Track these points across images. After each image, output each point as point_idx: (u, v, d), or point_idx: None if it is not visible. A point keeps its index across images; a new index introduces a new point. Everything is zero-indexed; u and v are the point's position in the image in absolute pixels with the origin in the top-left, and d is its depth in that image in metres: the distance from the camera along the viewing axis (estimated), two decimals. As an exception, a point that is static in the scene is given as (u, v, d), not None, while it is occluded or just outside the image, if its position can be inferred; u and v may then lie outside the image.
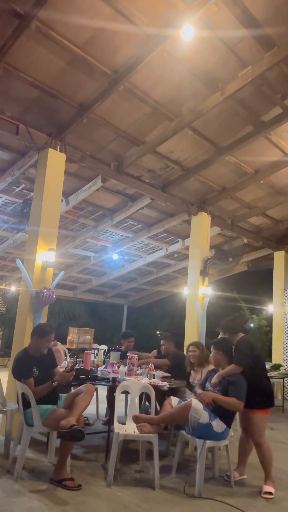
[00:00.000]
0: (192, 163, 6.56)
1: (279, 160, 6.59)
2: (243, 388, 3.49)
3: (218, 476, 3.77)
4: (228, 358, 3.70)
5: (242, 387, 3.50)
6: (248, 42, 4.39)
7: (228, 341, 3.83)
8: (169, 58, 4.40)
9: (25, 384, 3.40)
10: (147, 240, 9.51)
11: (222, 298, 11.79)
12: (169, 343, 5.30)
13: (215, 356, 3.77)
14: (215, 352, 3.77)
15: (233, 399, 3.43)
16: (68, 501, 3.01)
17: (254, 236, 9.31)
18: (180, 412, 3.50)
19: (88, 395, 3.52)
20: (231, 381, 3.53)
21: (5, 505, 2.88)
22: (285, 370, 8.41)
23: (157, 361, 5.08)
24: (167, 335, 5.49)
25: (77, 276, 11.92)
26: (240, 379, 3.55)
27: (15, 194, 6.88)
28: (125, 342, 5.86)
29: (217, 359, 3.76)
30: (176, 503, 3.17)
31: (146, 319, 16.40)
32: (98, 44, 4.27)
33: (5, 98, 4.76)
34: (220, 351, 3.74)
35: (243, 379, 3.55)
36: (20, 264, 4.87)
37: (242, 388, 3.49)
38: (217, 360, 3.76)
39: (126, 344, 5.84)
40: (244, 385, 3.52)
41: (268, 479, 3.58)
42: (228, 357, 3.71)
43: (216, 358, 3.76)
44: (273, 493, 3.46)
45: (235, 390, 3.47)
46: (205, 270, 7.26)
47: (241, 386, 3.50)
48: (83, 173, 6.49)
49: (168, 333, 5.65)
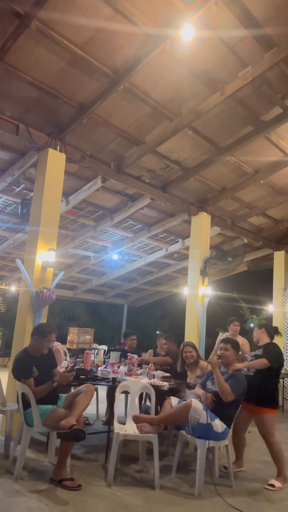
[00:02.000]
0: (192, 163, 6.56)
1: (279, 160, 6.59)
2: (240, 385, 3.56)
3: (218, 476, 3.77)
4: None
5: (241, 384, 3.57)
6: (248, 42, 4.39)
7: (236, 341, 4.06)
8: (169, 58, 4.39)
9: (25, 384, 3.40)
10: (147, 240, 9.51)
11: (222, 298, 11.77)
12: (171, 343, 5.36)
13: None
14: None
15: (228, 388, 3.50)
16: (68, 501, 3.01)
17: (254, 236, 9.32)
18: (180, 412, 3.50)
19: (88, 395, 3.52)
20: (233, 375, 3.63)
21: (5, 505, 2.88)
22: (285, 370, 8.39)
23: (158, 359, 5.10)
24: (169, 335, 5.54)
25: (77, 276, 11.92)
26: (242, 377, 3.64)
27: (15, 194, 6.88)
28: (128, 340, 5.87)
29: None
30: (176, 503, 3.17)
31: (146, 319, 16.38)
32: (98, 44, 4.27)
33: (5, 98, 4.76)
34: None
35: (244, 379, 3.63)
36: (20, 264, 4.87)
37: (240, 384, 3.56)
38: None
39: (129, 342, 5.84)
40: (243, 383, 3.59)
41: (279, 475, 3.66)
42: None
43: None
44: (276, 486, 3.51)
45: (233, 383, 3.55)
46: (205, 270, 7.26)
47: (240, 382, 3.58)
48: (83, 173, 6.49)
49: (169, 333, 5.68)
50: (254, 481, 3.74)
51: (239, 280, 12.97)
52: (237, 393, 3.50)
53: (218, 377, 3.54)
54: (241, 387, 3.56)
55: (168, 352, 5.32)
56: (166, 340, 5.42)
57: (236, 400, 3.54)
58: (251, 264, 11.44)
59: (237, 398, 3.51)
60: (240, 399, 3.58)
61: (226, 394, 3.48)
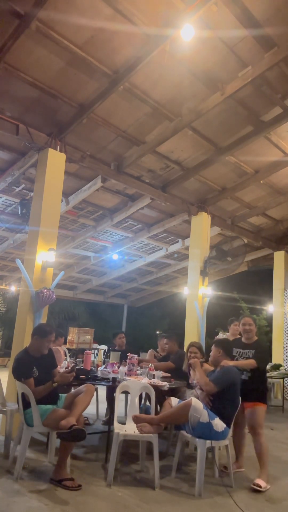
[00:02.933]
0: (192, 163, 6.56)
1: (279, 160, 6.60)
2: (224, 380, 3.61)
3: (218, 476, 3.77)
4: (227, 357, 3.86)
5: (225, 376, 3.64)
6: (248, 42, 4.39)
7: (230, 342, 4.04)
8: (169, 58, 4.39)
9: (25, 384, 3.40)
10: (147, 240, 9.51)
11: (222, 298, 11.79)
12: (173, 343, 5.35)
13: (214, 354, 3.89)
14: (215, 350, 3.89)
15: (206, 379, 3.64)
16: (68, 501, 3.01)
17: (254, 236, 9.32)
18: (180, 411, 3.50)
19: (88, 395, 3.52)
20: (221, 369, 3.71)
21: (5, 505, 2.88)
22: (285, 370, 8.40)
23: (161, 365, 5.04)
24: (170, 335, 5.54)
25: (77, 276, 11.92)
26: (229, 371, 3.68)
27: (15, 194, 6.88)
28: (116, 340, 5.96)
29: (216, 357, 3.87)
30: (176, 503, 3.17)
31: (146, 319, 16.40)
32: (98, 44, 4.27)
33: (5, 98, 4.76)
34: (221, 349, 3.86)
35: (232, 372, 3.68)
36: (20, 264, 4.87)
37: (224, 379, 3.62)
38: (216, 358, 3.87)
39: (118, 341, 5.93)
40: (227, 379, 3.62)
41: (263, 473, 3.65)
42: (227, 356, 3.87)
43: (216, 356, 3.87)
44: (262, 486, 3.49)
45: (217, 376, 3.66)
46: (205, 270, 7.26)
47: (224, 377, 3.63)
48: (83, 173, 6.49)
49: (170, 333, 5.69)
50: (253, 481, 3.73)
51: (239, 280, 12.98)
52: (218, 384, 3.58)
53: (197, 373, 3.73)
54: (227, 380, 3.60)
55: (170, 352, 5.31)
56: (167, 339, 5.41)
57: (230, 399, 3.58)
58: (251, 264, 11.45)
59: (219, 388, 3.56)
60: (234, 397, 3.60)
61: (205, 385, 3.60)
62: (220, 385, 3.57)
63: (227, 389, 3.58)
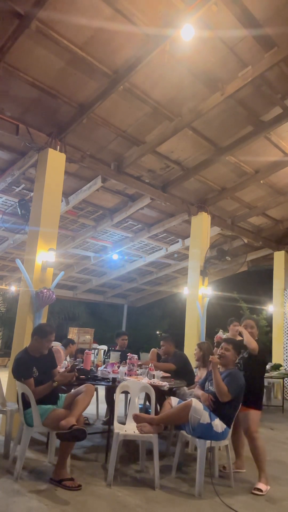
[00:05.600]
0: (192, 163, 6.56)
1: (279, 160, 6.60)
2: (238, 384, 3.54)
3: (218, 476, 3.77)
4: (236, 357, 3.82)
5: (238, 383, 3.55)
6: (248, 42, 4.39)
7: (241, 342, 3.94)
8: (169, 58, 4.39)
9: (25, 384, 3.40)
10: (147, 240, 9.52)
11: (222, 298, 11.78)
12: (168, 344, 5.23)
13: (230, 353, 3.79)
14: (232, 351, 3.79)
15: (224, 388, 3.49)
16: (68, 501, 3.01)
17: (254, 236, 9.32)
18: (180, 412, 3.50)
19: (88, 395, 3.52)
20: (230, 374, 3.62)
21: (5, 505, 2.88)
22: (285, 370, 8.40)
23: (162, 366, 5.00)
24: (166, 336, 5.47)
25: (77, 276, 11.92)
26: (239, 376, 3.61)
27: (15, 194, 6.88)
28: (119, 340, 5.99)
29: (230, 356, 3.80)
30: (176, 503, 3.17)
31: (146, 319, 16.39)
32: (98, 44, 4.27)
33: (5, 98, 4.76)
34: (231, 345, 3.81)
35: (241, 377, 3.61)
36: (20, 264, 4.87)
37: (237, 383, 3.54)
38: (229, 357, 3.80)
39: (120, 342, 5.96)
40: (240, 382, 3.56)
41: (262, 477, 3.61)
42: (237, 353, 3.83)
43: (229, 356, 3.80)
44: (263, 490, 3.47)
45: (230, 383, 3.53)
46: (205, 270, 7.26)
47: (237, 382, 3.56)
48: (83, 173, 6.49)
49: (167, 334, 5.66)
50: (254, 481, 3.73)
51: (239, 280, 12.98)
52: (234, 393, 3.50)
53: (216, 378, 3.54)
54: (239, 386, 3.55)
55: (166, 353, 5.22)
56: (163, 341, 5.31)
57: (234, 400, 3.53)
58: (251, 264, 11.45)
59: (233, 397, 3.51)
60: (238, 398, 3.57)
61: (222, 394, 3.48)
62: (234, 394, 3.51)
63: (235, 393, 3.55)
